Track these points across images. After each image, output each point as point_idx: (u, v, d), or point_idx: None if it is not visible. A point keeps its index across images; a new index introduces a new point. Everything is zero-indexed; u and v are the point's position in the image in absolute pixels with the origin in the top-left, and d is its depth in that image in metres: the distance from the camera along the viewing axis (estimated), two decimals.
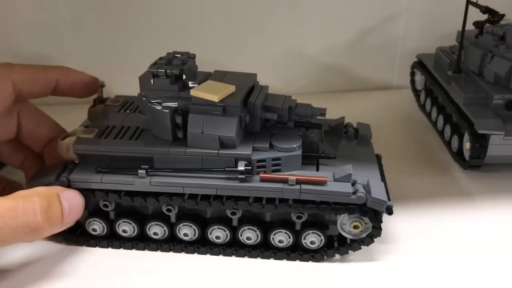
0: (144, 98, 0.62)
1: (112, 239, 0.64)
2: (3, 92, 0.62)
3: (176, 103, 0.60)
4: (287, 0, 1.01)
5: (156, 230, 0.63)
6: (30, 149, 0.69)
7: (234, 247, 0.62)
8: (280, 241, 0.61)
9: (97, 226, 0.63)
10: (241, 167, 0.57)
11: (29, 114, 0.67)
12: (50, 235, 0.57)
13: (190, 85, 0.62)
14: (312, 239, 0.61)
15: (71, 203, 0.58)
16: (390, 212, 0.57)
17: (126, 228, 0.63)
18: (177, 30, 1.01)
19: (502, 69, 0.77)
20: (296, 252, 0.61)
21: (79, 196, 0.59)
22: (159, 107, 0.60)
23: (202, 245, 0.63)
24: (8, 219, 0.52)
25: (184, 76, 0.62)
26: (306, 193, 0.57)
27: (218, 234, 0.62)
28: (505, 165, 0.78)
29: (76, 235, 0.64)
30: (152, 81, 0.60)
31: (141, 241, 0.63)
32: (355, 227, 0.59)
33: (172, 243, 0.63)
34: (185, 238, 0.63)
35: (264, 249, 0.62)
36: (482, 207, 0.72)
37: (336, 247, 0.61)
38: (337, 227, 0.60)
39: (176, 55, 0.64)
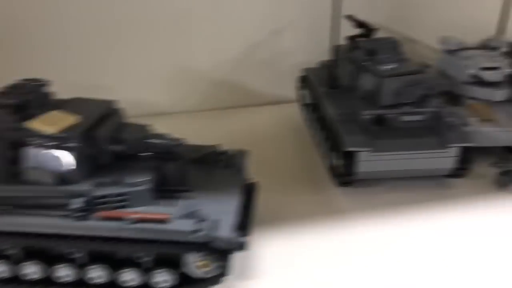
0: None
1: None
2: None
3: (14, 135, 0.56)
4: (170, 15, 0.98)
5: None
6: None
7: (84, 286, 0.59)
8: (131, 280, 0.58)
9: None
10: (76, 204, 0.54)
11: None
12: None
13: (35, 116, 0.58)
14: (165, 277, 0.58)
15: None
16: (242, 248, 0.55)
17: None
18: (57, 49, 0.96)
19: (370, 84, 0.77)
20: None
21: None
22: None
23: (49, 284, 0.59)
24: None
25: (30, 106, 0.59)
26: (144, 232, 0.54)
27: (66, 272, 0.58)
28: (376, 180, 0.78)
29: None
30: None
31: None
32: (203, 266, 0.57)
33: (15, 283, 0.59)
34: (32, 277, 0.59)
35: None
36: (354, 223, 0.72)
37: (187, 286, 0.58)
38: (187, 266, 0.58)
39: (26, 83, 0.61)
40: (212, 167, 0.67)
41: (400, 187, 0.78)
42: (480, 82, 0.83)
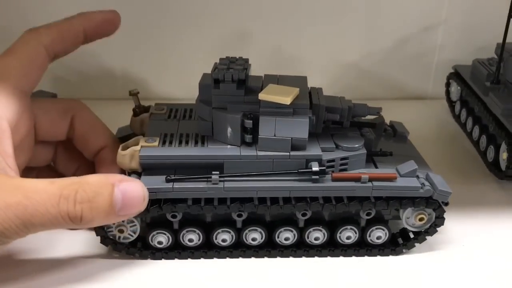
0: (204, 104, 0.62)
1: (178, 250, 0.63)
2: (38, 60, 0.61)
3: (243, 107, 0.60)
4: (327, 5, 1.02)
5: (225, 236, 0.62)
6: (83, 159, 0.68)
7: (303, 248, 0.63)
8: (347, 238, 0.63)
9: (162, 239, 0.62)
10: (315, 167, 0.58)
11: (84, 117, 0.67)
12: (100, 225, 0.58)
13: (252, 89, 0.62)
14: (378, 234, 0.63)
15: (128, 195, 0.55)
16: (446, 203, 0.61)
17: (192, 237, 0.62)
18: (205, 35, 1.03)
19: None
20: (365, 248, 0.63)
21: (141, 188, 0.56)
22: (226, 112, 0.60)
23: (272, 248, 0.63)
24: (49, 206, 0.51)
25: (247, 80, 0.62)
26: (378, 190, 0.59)
27: (286, 235, 0.62)
28: None
29: (139, 249, 0.62)
30: (217, 86, 0.60)
31: (210, 249, 0.63)
32: (420, 219, 0.62)
33: (242, 249, 0.63)
34: (253, 243, 0.63)
35: (333, 247, 0.63)
36: None
37: (403, 242, 0.63)
38: (395, 223, 0.63)
39: (232, 60, 0.64)
40: (381, 135, 0.72)
41: None
42: None
